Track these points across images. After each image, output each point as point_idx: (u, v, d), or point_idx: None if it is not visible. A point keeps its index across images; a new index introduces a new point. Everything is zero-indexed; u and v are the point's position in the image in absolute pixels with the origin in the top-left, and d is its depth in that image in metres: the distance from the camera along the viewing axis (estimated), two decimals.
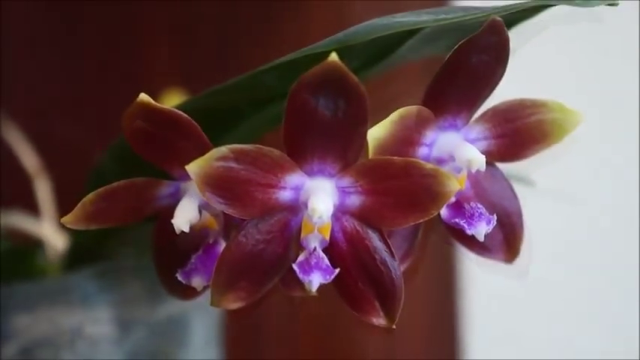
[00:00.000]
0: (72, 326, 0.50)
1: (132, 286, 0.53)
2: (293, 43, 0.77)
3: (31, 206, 0.64)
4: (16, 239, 0.61)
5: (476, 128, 0.37)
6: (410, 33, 0.38)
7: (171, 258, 0.38)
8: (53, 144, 0.75)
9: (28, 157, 0.65)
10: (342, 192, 0.33)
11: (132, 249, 0.53)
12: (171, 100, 0.68)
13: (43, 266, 0.55)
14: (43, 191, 0.64)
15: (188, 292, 0.38)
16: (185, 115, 0.34)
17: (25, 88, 0.83)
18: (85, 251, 0.54)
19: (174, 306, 0.55)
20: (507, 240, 0.38)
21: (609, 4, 0.34)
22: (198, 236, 0.37)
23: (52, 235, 0.62)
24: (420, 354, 0.83)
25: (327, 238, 0.33)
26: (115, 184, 0.35)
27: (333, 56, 0.31)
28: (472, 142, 0.36)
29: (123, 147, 0.45)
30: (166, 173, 0.37)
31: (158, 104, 0.33)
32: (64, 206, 0.64)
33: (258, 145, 0.32)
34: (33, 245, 0.59)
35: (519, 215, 0.38)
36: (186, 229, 0.34)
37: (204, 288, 0.36)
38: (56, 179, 0.65)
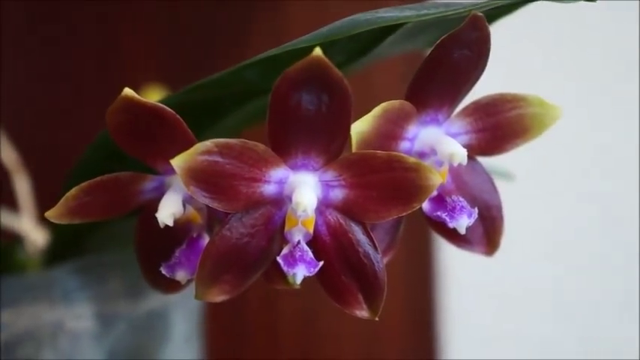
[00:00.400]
0: (53, 321, 0.50)
1: (112, 281, 0.53)
2: (271, 43, 0.78)
3: (8, 202, 0.64)
4: None
5: (457, 123, 0.37)
6: (392, 28, 0.39)
7: (154, 252, 0.38)
8: (32, 141, 0.75)
9: (7, 153, 0.65)
10: (326, 186, 0.34)
11: (112, 244, 0.53)
12: (150, 95, 0.68)
13: (23, 261, 0.55)
14: (22, 187, 0.64)
15: (171, 286, 0.39)
16: (169, 110, 0.34)
17: (5, 88, 0.83)
18: (65, 247, 0.54)
19: (154, 301, 0.55)
20: (488, 233, 0.39)
21: (588, 0, 0.34)
22: (181, 230, 0.37)
23: (31, 230, 0.61)
24: (399, 352, 0.84)
25: (311, 231, 0.34)
26: (98, 178, 0.35)
27: (317, 51, 0.31)
28: (453, 136, 0.36)
29: (107, 141, 0.45)
30: (150, 168, 0.37)
31: (142, 98, 0.33)
32: (43, 202, 0.64)
33: (243, 140, 0.32)
34: (12, 240, 0.59)
35: (499, 209, 0.39)
36: (170, 223, 0.34)
37: (188, 282, 0.36)
38: (35, 176, 0.65)
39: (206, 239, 0.37)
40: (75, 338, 0.51)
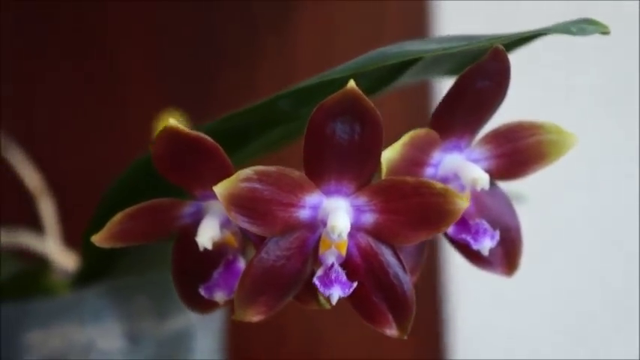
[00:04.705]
0: (84, 341, 0.52)
1: (139, 301, 0.55)
2: (278, 64, 0.80)
3: (32, 225, 0.66)
4: (20, 257, 0.62)
5: (478, 149, 0.39)
6: (413, 61, 0.41)
7: (191, 275, 0.40)
8: (56, 165, 0.76)
9: (31, 178, 0.66)
10: (357, 210, 0.36)
11: (138, 267, 0.55)
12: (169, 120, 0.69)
13: (51, 284, 0.57)
14: (47, 211, 0.65)
15: (207, 306, 0.40)
16: (210, 139, 0.36)
17: (25, 112, 0.85)
18: (94, 270, 0.55)
19: (180, 321, 0.57)
20: (507, 255, 0.41)
21: (602, 34, 0.36)
22: (217, 253, 0.38)
23: (57, 253, 0.63)
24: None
25: (344, 253, 0.35)
26: (141, 204, 0.37)
27: (351, 83, 0.33)
28: (474, 162, 0.38)
29: (129, 180, 0.47)
30: (177, 195, 0.39)
31: (185, 129, 0.35)
32: (67, 225, 0.66)
33: (279, 167, 0.34)
34: (40, 264, 0.61)
35: (518, 230, 0.40)
36: (210, 247, 0.36)
37: (226, 302, 0.38)
38: (58, 199, 0.67)
39: (241, 261, 0.38)
40: (106, 357, 0.53)
